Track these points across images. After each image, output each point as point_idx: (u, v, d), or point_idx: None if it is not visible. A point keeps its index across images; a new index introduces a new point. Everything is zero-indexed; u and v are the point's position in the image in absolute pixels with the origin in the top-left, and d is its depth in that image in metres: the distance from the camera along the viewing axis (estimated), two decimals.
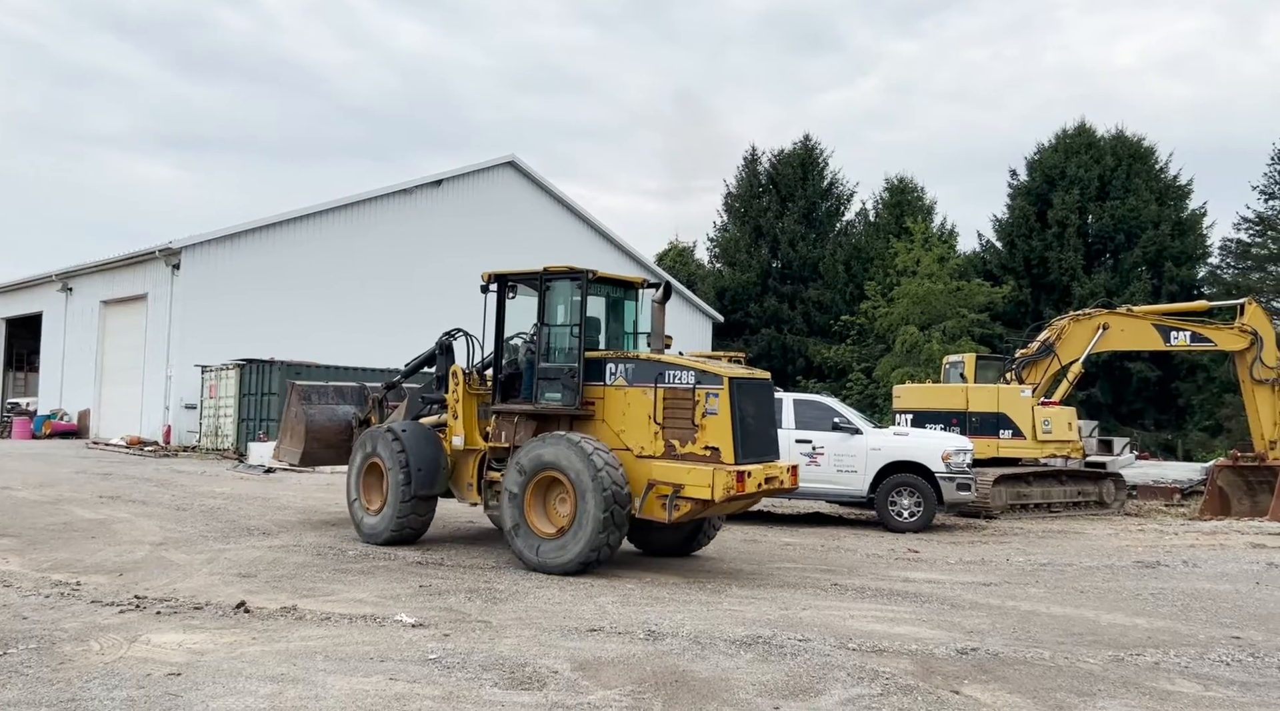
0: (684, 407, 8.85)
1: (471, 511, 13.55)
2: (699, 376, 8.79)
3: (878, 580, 9.05)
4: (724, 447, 8.61)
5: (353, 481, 10.56)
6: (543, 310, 9.50)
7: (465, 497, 10.23)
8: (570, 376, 9.21)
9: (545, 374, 9.41)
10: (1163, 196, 36.79)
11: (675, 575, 9.03)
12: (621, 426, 9.10)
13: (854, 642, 6.29)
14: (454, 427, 10.12)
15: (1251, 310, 16.77)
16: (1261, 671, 5.86)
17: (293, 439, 11.70)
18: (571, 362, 9.27)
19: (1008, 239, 38.46)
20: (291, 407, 11.82)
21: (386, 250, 31.40)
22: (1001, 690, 5.31)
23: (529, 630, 6.43)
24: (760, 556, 10.57)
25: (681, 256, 51.10)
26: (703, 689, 5.20)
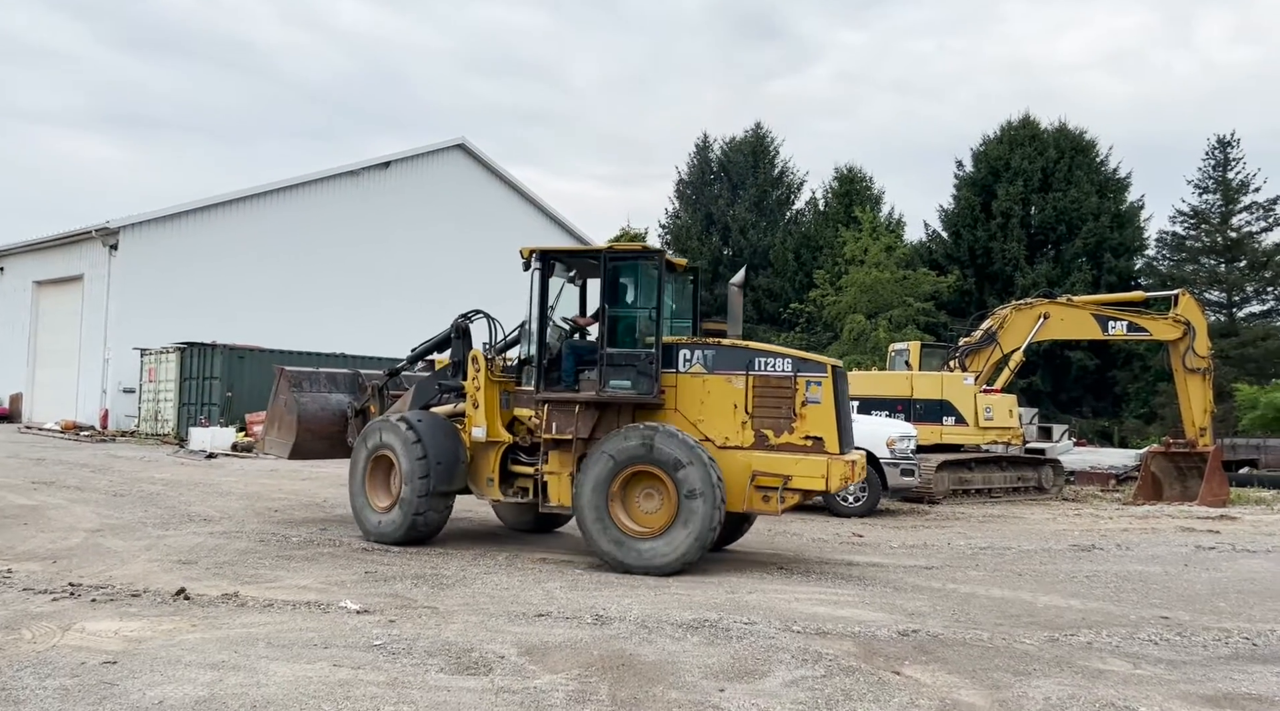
0: (781, 396, 8.57)
1: None
2: (797, 364, 8.61)
3: (823, 564, 9.18)
4: (828, 437, 8.44)
5: (358, 477, 9.67)
6: (610, 292, 8.91)
7: (484, 493, 9.53)
8: (648, 363, 8.67)
9: (613, 360, 8.75)
10: (1103, 189, 37.64)
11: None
12: (699, 416, 8.70)
13: (798, 625, 6.37)
14: (474, 418, 9.40)
15: (1185, 301, 17.27)
16: (1188, 650, 6.06)
17: (282, 429, 10.77)
18: (645, 348, 8.78)
19: (953, 229, 39.08)
20: (280, 395, 10.85)
21: (333, 233, 30.92)
22: (941, 670, 5.42)
23: (476, 615, 6.41)
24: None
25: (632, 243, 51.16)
26: (649, 672, 5.23)
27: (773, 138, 45.58)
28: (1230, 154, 39.28)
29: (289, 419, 10.67)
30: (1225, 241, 38.72)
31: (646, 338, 8.84)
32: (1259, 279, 39.50)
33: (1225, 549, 10.72)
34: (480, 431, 9.40)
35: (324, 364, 27.42)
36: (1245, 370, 34.54)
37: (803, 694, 4.92)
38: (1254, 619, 6.96)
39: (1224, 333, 35.69)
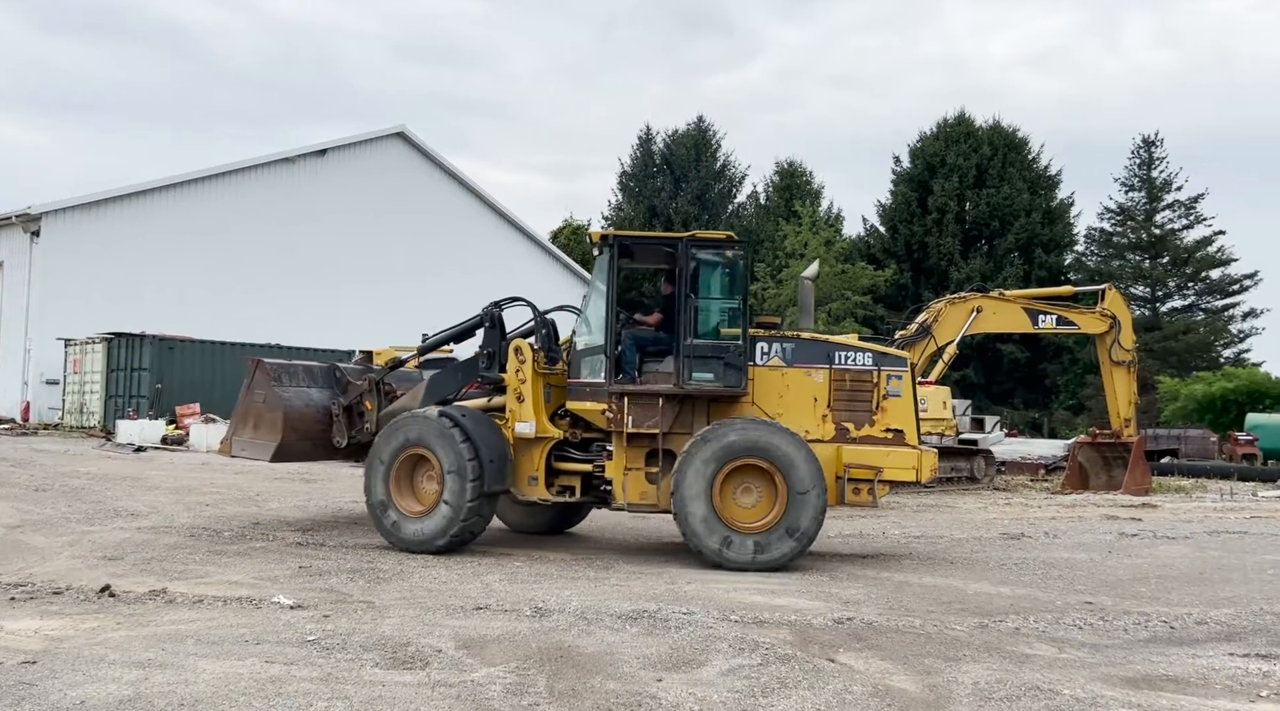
0: (863, 389, 8.69)
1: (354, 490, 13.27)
2: (878, 358, 8.73)
3: None
4: (908, 429, 8.58)
5: (380, 479, 8.73)
6: (690, 280, 8.62)
7: (526, 493, 8.93)
8: (736, 354, 8.55)
9: (698, 351, 8.55)
10: (1034, 186, 38.64)
11: (564, 552, 9.05)
12: (778, 409, 8.65)
13: (736, 614, 6.43)
14: (519, 412, 8.81)
15: (1111, 296, 17.78)
16: (1110, 633, 6.26)
17: (262, 429, 9.53)
18: (730, 340, 8.65)
19: (890, 224, 39.76)
20: (257, 390, 9.65)
21: (268, 221, 30.26)
22: (874, 657, 5.52)
23: (413, 609, 6.35)
24: (650, 532, 10.69)
25: (576, 235, 50.91)
26: (588, 663, 5.24)
27: (715, 131, 45.91)
28: (1154, 153, 40.62)
29: (271, 417, 9.48)
30: (1149, 238, 40.01)
31: (725, 329, 8.77)
32: (1181, 275, 40.94)
33: (1146, 536, 11.09)
34: (528, 427, 8.79)
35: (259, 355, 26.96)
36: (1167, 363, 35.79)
37: (739, 682, 4.97)
38: (1172, 603, 7.21)
39: (1148, 327, 36.92)
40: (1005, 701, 4.71)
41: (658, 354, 8.77)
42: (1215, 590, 7.70)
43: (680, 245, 8.72)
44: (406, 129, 34.37)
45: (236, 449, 9.82)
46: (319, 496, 12.60)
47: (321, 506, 11.60)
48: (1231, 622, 6.56)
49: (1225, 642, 6.02)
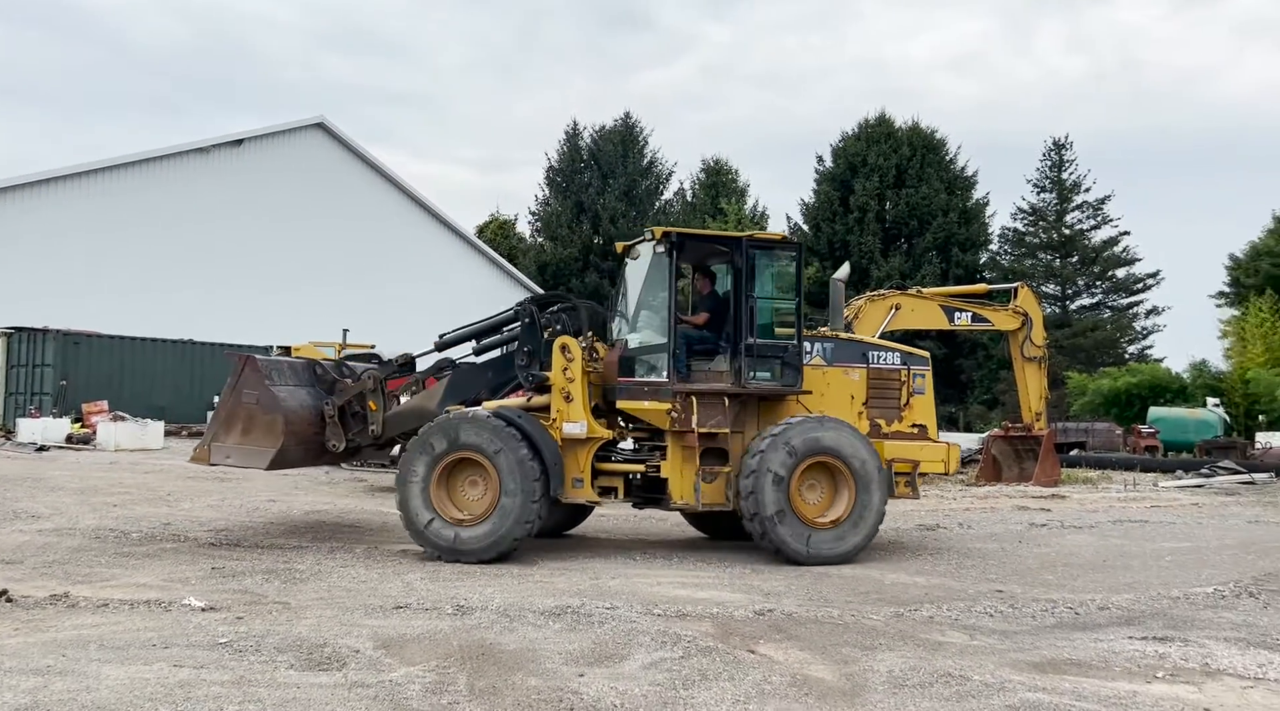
0: (893, 387, 9.04)
1: (271, 488, 12.97)
2: (905, 357, 9.13)
3: (686, 547, 9.34)
4: (930, 425, 9.02)
5: (420, 485, 8.21)
6: (747, 281, 8.65)
7: (571, 495, 8.62)
8: (794, 354, 8.76)
9: (758, 351, 8.64)
10: (952, 186, 39.64)
11: None
12: (820, 407, 8.85)
13: (659, 608, 6.47)
14: (567, 412, 8.50)
15: (1023, 294, 18.35)
16: (1019, 620, 6.47)
17: (255, 433, 8.68)
18: (786, 340, 8.83)
19: (814, 223, 40.37)
20: (248, 390, 8.75)
21: (181, 213, 29.27)
22: (793, 647, 5.61)
23: (330, 609, 6.22)
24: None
25: (503, 229, 50.51)
26: (509, 660, 5.21)
27: (642, 128, 45.96)
28: (1064, 156, 42.05)
29: (268, 420, 8.65)
30: (1059, 238, 41.44)
31: (779, 329, 8.88)
32: (1089, 274, 42.51)
33: (1055, 526, 11.49)
34: (579, 427, 8.50)
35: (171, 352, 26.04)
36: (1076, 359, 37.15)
37: (661, 675, 4.99)
38: (1077, 589, 7.48)
39: (1058, 324, 38.25)
40: (918, 688, 4.84)
41: (704, 353, 8.81)
42: (1117, 576, 8.02)
43: (740, 244, 8.77)
44: (326, 120, 33.62)
45: (218, 456, 8.84)
46: (234, 495, 12.25)
47: (237, 506, 11.29)
48: (1131, 607, 6.84)
49: (1125, 626, 6.27)
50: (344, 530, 9.97)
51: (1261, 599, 7.04)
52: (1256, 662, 5.38)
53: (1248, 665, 5.34)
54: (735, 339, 8.64)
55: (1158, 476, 20.12)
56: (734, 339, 8.65)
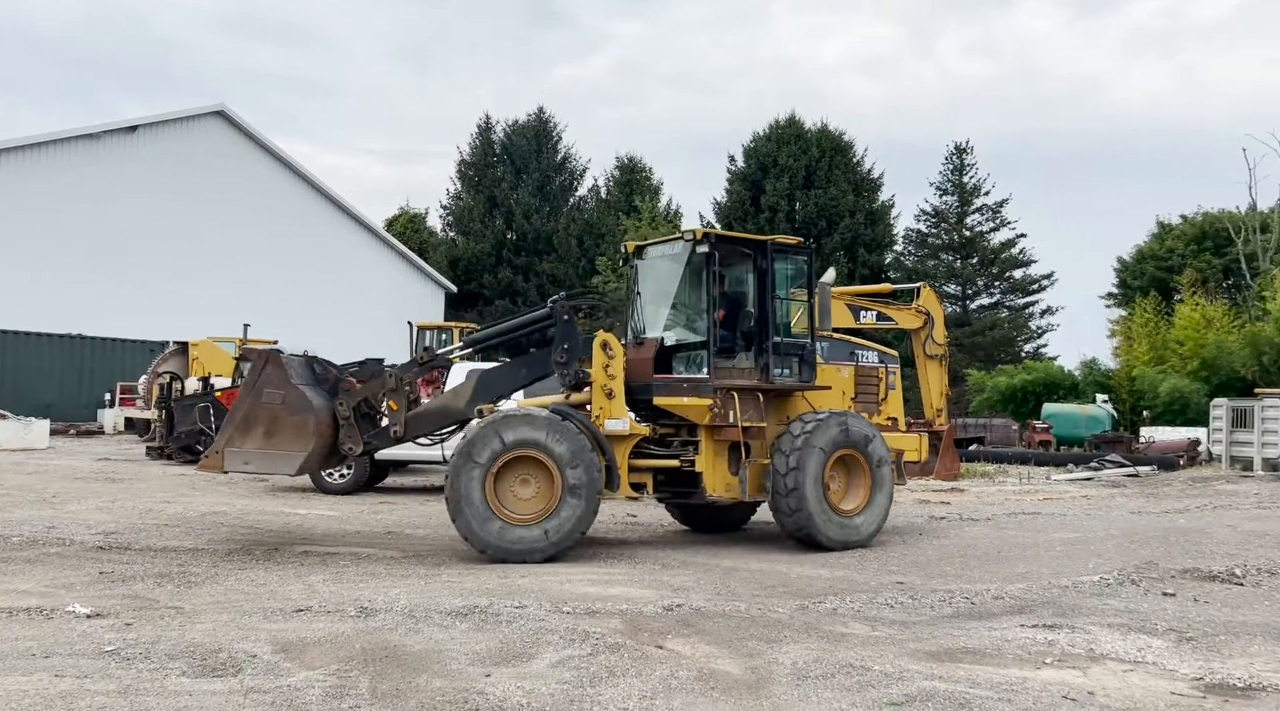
0: (873, 383, 9.81)
1: (166, 489, 12.50)
2: (881, 356, 9.92)
3: (596, 545, 9.32)
4: (899, 417, 9.83)
5: (477, 485, 7.97)
6: (770, 281, 9.04)
7: (608, 494, 8.61)
8: (811, 352, 9.27)
9: (783, 349, 9.08)
10: (858, 188, 40.59)
11: (394, 550, 8.82)
12: (820, 402, 9.34)
13: (568, 606, 6.44)
14: (609, 409, 8.52)
15: (926, 293, 18.87)
16: (918, 611, 6.66)
17: (282, 436, 8.12)
18: (803, 339, 9.30)
19: (726, 221, 40.78)
20: (271, 390, 8.15)
21: (69, 202, 27.94)
22: (701, 642, 5.65)
23: (227, 614, 6.02)
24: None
25: (413, 223, 49.64)
26: (414, 662, 5.12)
27: (556, 123, 45.76)
28: (965, 159, 43.46)
29: (296, 421, 8.12)
30: (960, 240, 42.83)
31: (794, 327, 9.39)
32: (988, 274, 44.05)
33: (954, 518, 11.86)
34: (621, 424, 8.54)
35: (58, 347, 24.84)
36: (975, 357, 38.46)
37: (568, 673, 4.98)
38: (973, 580, 7.73)
39: (959, 323, 39.55)
40: (820, 679, 4.93)
41: (722, 351, 8.99)
42: (1011, 567, 8.32)
43: (765, 247, 9.17)
44: (227, 107, 32.52)
45: (234, 463, 8.17)
46: (126, 496, 11.76)
47: (128, 507, 10.84)
48: (1023, 596, 7.10)
49: (1018, 615, 6.51)
50: (244, 531, 9.66)
51: (1142, 586, 7.39)
52: (1136, 647, 5.65)
53: (1128, 649, 5.60)
54: (761, 337, 9.02)
55: (1051, 470, 20.95)
56: (759, 337, 9.03)
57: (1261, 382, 24.53)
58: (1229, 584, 7.48)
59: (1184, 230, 42.78)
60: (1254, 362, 25.81)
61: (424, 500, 13.07)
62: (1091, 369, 31.54)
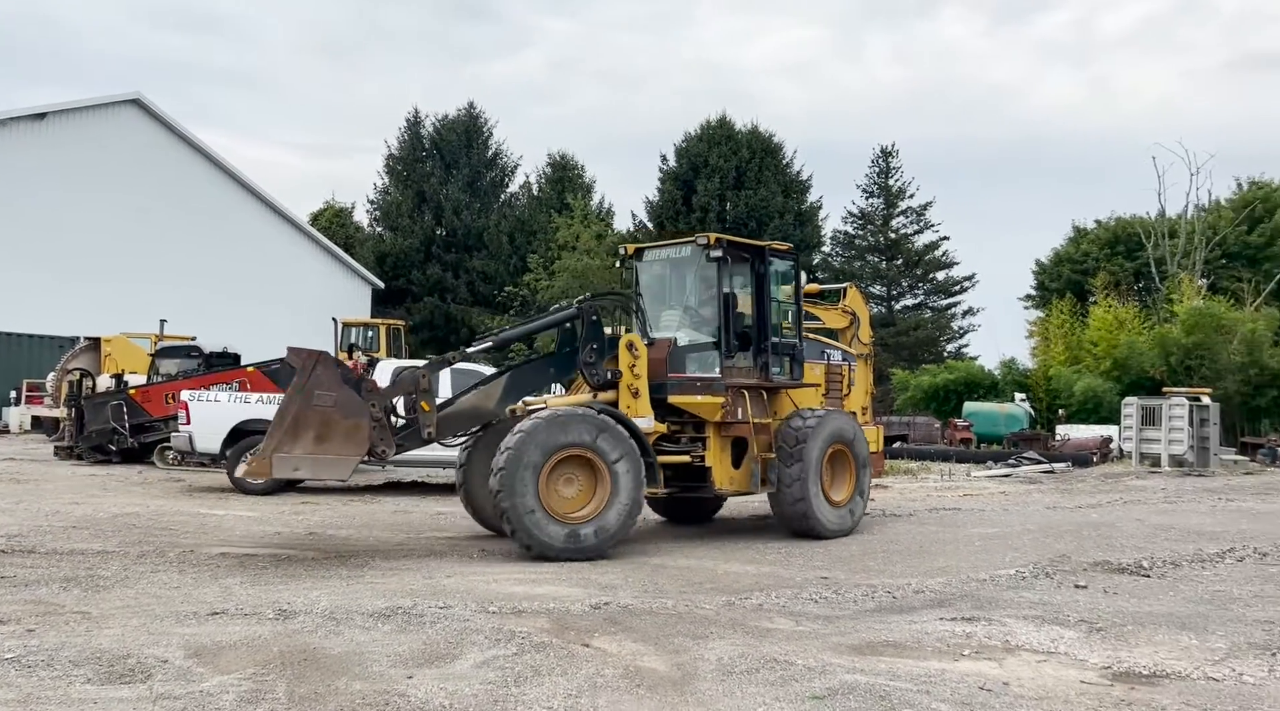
0: (838, 380, 10.66)
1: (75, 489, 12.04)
2: (844, 354, 10.76)
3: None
4: (858, 412, 10.64)
5: (530, 485, 7.93)
6: (767, 285, 9.65)
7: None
8: (800, 352, 10.01)
9: (780, 350, 9.70)
10: (788, 189, 41.08)
11: (316, 551, 8.62)
12: (800, 399, 10.01)
13: (494, 605, 6.38)
14: (636, 408, 8.69)
15: (852, 294, 19.11)
16: (841, 605, 6.75)
17: (334, 440, 7.85)
18: (791, 339, 9.96)
19: (658, 220, 40.94)
20: (323, 391, 7.83)
21: None
22: (628, 639, 5.64)
23: (137, 618, 5.81)
24: (410, 526, 10.40)
25: (339, 217, 48.65)
26: (333, 665, 5.00)
27: (486, 119, 45.31)
28: (891, 163, 44.34)
29: (350, 425, 7.88)
30: (886, 241, 43.70)
31: (785, 328, 9.97)
32: (912, 276, 45.04)
33: (877, 514, 12.07)
34: (647, 423, 8.73)
35: None
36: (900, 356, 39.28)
37: (492, 673, 4.92)
38: (895, 574, 7.88)
39: (884, 323, 40.34)
40: (745, 675, 4.96)
41: (729, 351, 9.44)
42: (932, 561, 8.50)
43: (763, 252, 9.71)
44: (143, 96, 31.44)
45: (283, 468, 7.83)
46: (31, 498, 11.29)
47: (34, 509, 10.39)
48: (943, 590, 7.26)
49: (937, 608, 6.65)
50: (157, 533, 9.34)
51: (1056, 579, 7.63)
52: (1049, 638, 5.82)
53: (1042, 640, 5.77)
54: (760, 337, 9.58)
55: (971, 467, 21.50)
56: (758, 338, 9.59)
57: (1169, 382, 25.54)
58: (1137, 576, 7.76)
59: (1098, 235, 44.33)
60: (1162, 363, 26.86)
61: (346, 501, 12.83)
62: (1010, 368, 32.46)
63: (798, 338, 9.99)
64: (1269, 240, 38.78)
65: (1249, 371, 25.42)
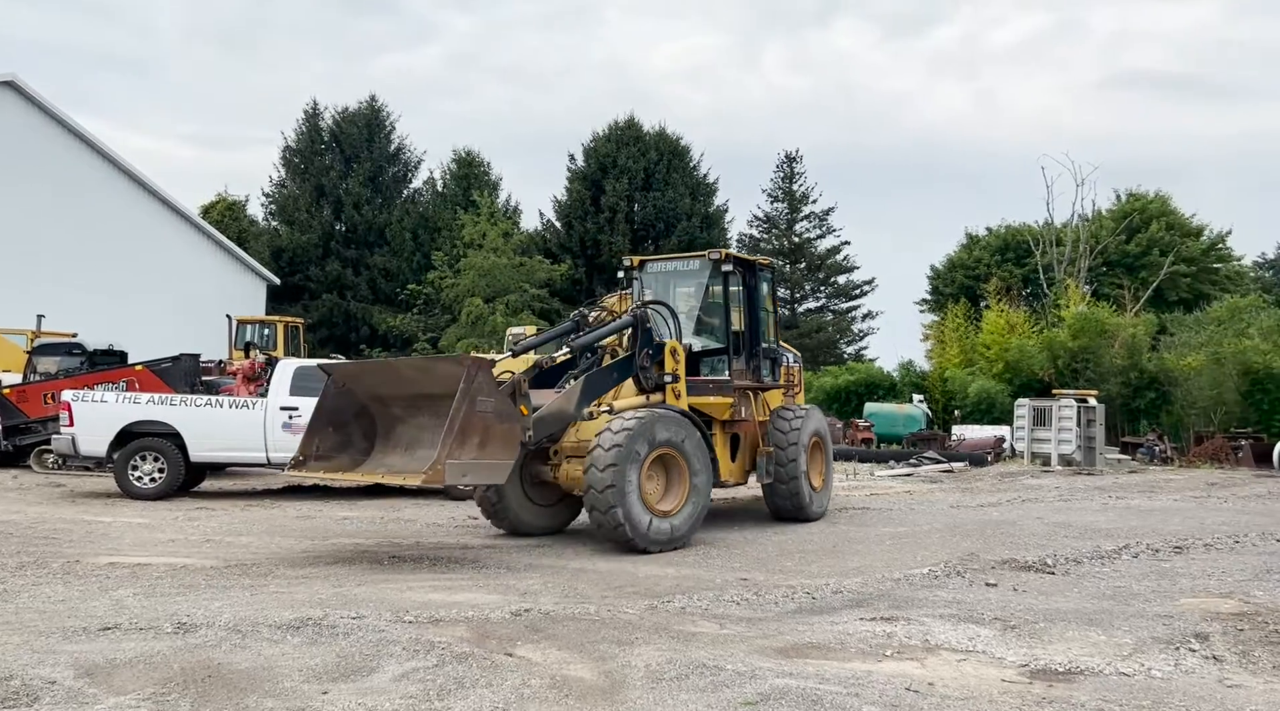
0: (794, 380, 11.81)
1: None
2: (795, 356, 11.96)
3: (437, 549, 9.00)
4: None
5: (634, 487, 8.51)
6: (757, 296, 10.83)
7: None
8: (780, 355, 11.37)
9: (765, 354, 10.91)
10: (695, 192, 41.32)
11: (214, 559, 8.20)
12: (773, 399, 11.19)
13: (410, 615, 6.15)
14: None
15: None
16: (763, 607, 6.74)
17: (493, 446, 7.97)
18: (774, 344, 11.21)
19: (566, 220, 40.70)
20: (484, 398, 7.94)
21: None
22: (551, 647, 5.50)
23: (19, 635, 5.38)
24: (315, 532, 10.01)
25: (232, 211, 46.72)
26: (241, 681, 4.72)
27: (389, 112, 44.22)
28: (795, 168, 45.12)
29: (505, 430, 8.06)
30: (790, 245, 44.44)
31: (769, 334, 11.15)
32: (815, 279, 45.92)
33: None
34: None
35: None
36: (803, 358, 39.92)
37: (413, 686, 4.72)
38: (812, 575, 7.92)
39: (788, 325, 41.00)
40: (674, 681, 4.88)
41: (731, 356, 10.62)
42: (846, 561, 8.59)
43: (754, 266, 10.88)
44: (18, 78, 29.53)
45: (454, 475, 7.76)
46: None
47: None
48: (860, 590, 7.32)
49: (856, 608, 6.70)
50: (38, 542, 8.75)
51: (967, 577, 7.79)
52: (967, 636, 5.91)
53: (960, 639, 5.85)
54: (752, 343, 10.66)
55: (874, 466, 22.00)
56: (750, 343, 10.64)
57: (1057, 384, 26.65)
58: (1042, 573, 7.99)
59: (989, 241, 46.02)
60: (1050, 365, 27.99)
61: (245, 505, 12.27)
62: (908, 370, 33.36)
63: (777, 343, 11.17)
64: (1145, 249, 40.90)
65: (1129, 374, 26.70)
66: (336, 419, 8.68)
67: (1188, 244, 41.04)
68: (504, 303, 33.29)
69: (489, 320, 32.30)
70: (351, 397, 8.76)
